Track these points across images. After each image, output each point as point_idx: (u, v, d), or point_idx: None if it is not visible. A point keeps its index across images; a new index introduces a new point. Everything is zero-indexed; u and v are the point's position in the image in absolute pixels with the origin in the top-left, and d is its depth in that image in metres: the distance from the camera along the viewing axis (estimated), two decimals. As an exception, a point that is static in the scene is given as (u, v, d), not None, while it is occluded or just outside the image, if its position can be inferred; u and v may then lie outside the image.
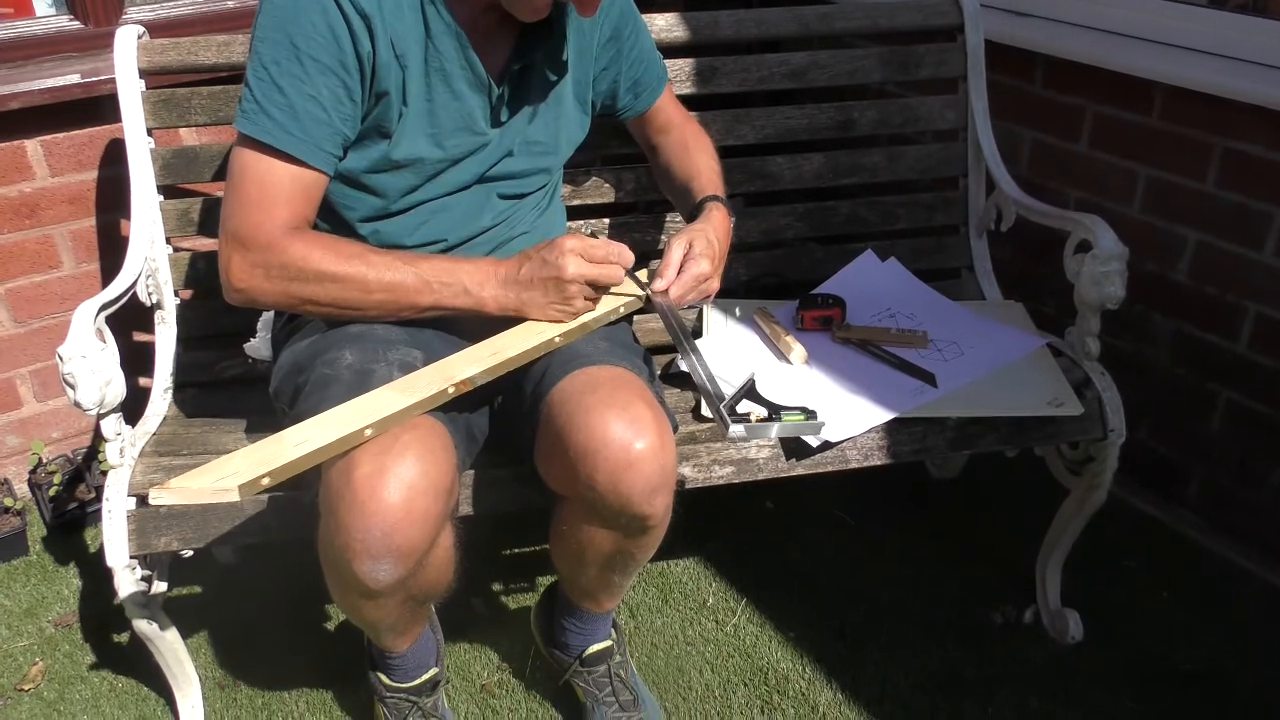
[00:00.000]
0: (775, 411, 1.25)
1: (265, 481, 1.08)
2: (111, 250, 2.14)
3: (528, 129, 1.44)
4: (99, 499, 2.09)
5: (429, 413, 1.23)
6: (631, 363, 1.35)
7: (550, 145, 1.48)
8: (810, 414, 1.25)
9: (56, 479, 2.13)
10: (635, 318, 1.78)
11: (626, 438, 1.20)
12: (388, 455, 1.14)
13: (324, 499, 1.18)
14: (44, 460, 2.19)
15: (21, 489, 2.21)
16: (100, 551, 2.05)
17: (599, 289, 1.32)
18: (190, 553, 1.55)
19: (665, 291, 1.36)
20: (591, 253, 1.29)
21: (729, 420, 1.20)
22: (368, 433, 1.15)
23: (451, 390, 1.22)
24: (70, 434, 2.25)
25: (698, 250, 1.37)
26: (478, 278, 1.31)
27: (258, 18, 1.26)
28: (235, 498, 1.06)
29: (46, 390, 2.18)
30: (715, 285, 1.40)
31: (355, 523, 1.13)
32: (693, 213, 1.50)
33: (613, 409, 1.22)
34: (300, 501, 1.33)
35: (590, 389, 1.25)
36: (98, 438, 2.25)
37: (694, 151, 1.60)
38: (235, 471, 1.08)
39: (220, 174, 1.75)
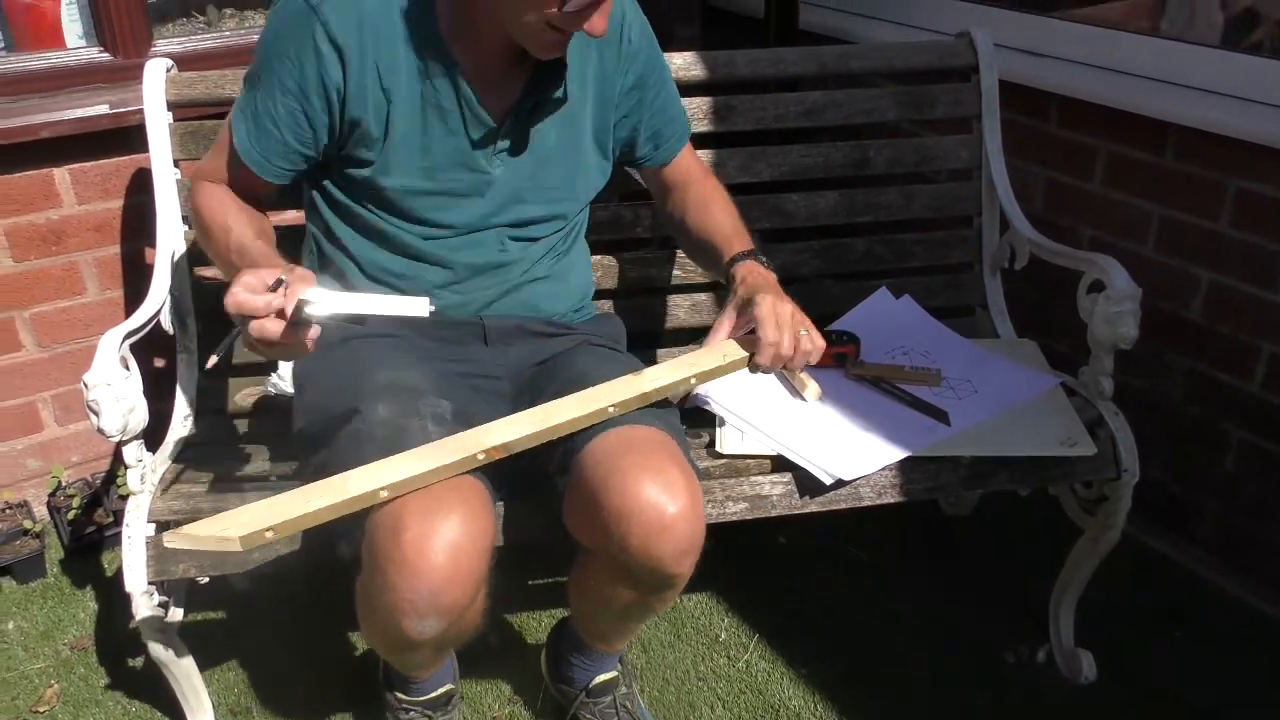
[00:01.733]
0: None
1: (269, 535, 1.11)
2: (135, 277, 2.17)
3: (541, 173, 1.44)
4: (117, 523, 2.12)
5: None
6: (665, 421, 1.36)
7: (566, 191, 1.48)
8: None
9: (75, 502, 2.15)
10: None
11: (661, 503, 1.22)
12: (434, 517, 1.16)
13: (370, 556, 1.20)
14: (63, 484, 2.21)
15: (41, 512, 2.23)
16: (117, 575, 2.08)
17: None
18: (206, 579, 1.57)
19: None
20: (249, 283, 1.14)
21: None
22: (383, 494, 1.17)
23: (481, 456, 1.23)
24: (89, 458, 2.28)
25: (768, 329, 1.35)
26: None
27: (262, 31, 1.36)
28: (237, 548, 1.10)
29: (68, 414, 2.21)
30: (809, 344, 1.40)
31: (404, 583, 1.15)
32: (730, 271, 1.46)
33: (647, 472, 1.23)
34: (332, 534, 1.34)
35: (625, 451, 1.27)
36: (116, 462, 2.28)
37: (715, 209, 1.55)
38: (242, 523, 1.12)
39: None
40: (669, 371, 1.37)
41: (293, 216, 1.73)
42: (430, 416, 1.30)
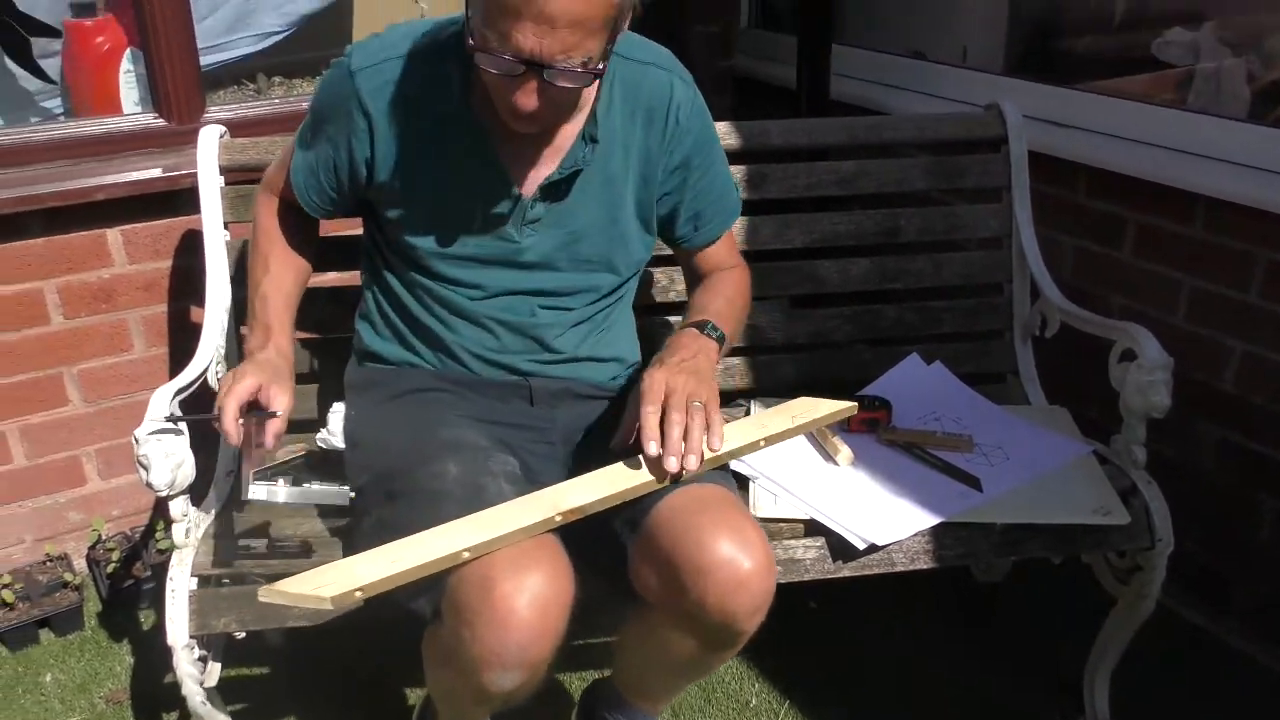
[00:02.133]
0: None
1: (358, 595, 1.14)
2: (180, 335, 2.23)
3: (576, 245, 1.46)
4: (154, 577, 2.15)
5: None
6: (728, 482, 1.39)
7: (603, 263, 1.49)
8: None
9: (115, 555, 2.18)
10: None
11: (738, 559, 1.24)
12: (523, 573, 1.18)
13: (455, 610, 1.21)
14: (103, 537, 2.25)
15: (80, 564, 2.26)
16: (153, 629, 2.11)
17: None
18: (243, 634, 1.59)
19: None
20: (234, 386, 1.31)
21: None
22: (465, 555, 1.20)
23: (559, 519, 1.26)
24: (129, 512, 2.32)
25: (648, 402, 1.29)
26: (255, 342, 1.45)
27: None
28: (329, 607, 1.13)
29: (110, 469, 2.26)
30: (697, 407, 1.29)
31: (493, 637, 1.17)
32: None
33: (724, 529, 1.26)
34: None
35: (699, 508, 1.29)
36: (155, 517, 2.32)
37: (711, 289, 1.55)
38: (331, 582, 1.15)
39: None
40: (739, 432, 1.38)
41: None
42: (503, 475, 1.33)
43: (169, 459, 1.44)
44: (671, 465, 1.27)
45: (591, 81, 1.24)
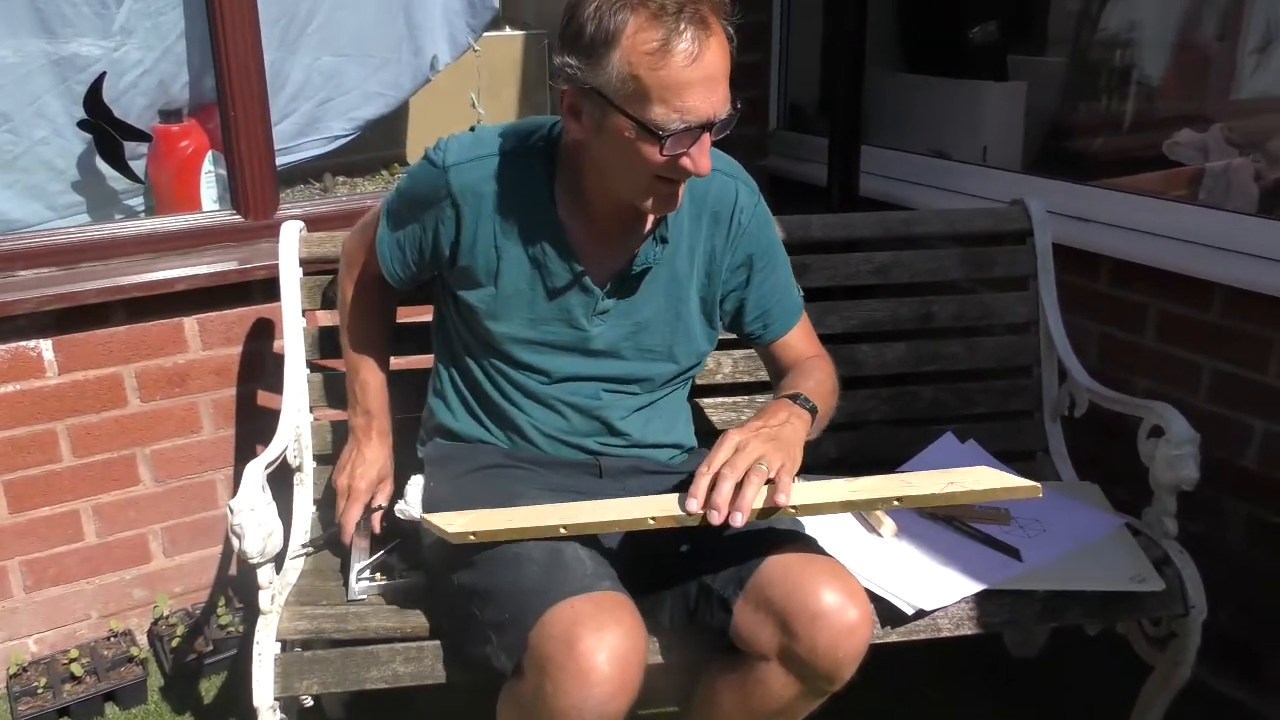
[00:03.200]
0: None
1: (471, 538, 1.42)
2: (246, 418, 2.34)
3: (641, 335, 1.57)
4: (217, 651, 2.22)
5: (620, 589, 1.38)
6: (818, 544, 1.50)
7: (664, 353, 1.59)
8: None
9: (180, 630, 2.26)
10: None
11: (848, 608, 1.36)
12: (605, 630, 1.27)
13: (538, 665, 1.29)
14: (166, 613, 2.33)
15: (142, 640, 2.34)
16: (215, 702, 2.18)
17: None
18: (310, 702, 1.66)
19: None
20: (355, 486, 1.73)
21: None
22: (562, 530, 1.39)
23: (652, 522, 1.38)
24: (191, 589, 2.40)
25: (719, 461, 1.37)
26: (358, 422, 1.76)
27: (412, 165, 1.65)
28: (447, 536, 1.43)
29: (175, 546, 2.35)
30: (774, 472, 1.36)
31: (576, 690, 1.25)
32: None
33: (835, 581, 1.37)
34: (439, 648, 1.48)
35: (808, 563, 1.41)
36: (216, 593, 2.40)
37: (802, 373, 1.63)
38: (456, 523, 1.44)
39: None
40: (823, 492, 1.44)
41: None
42: (579, 541, 1.42)
43: (261, 528, 1.54)
44: (714, 519, 1.33)
45: (735, 121, 1.37)
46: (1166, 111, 2.99)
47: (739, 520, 1.33)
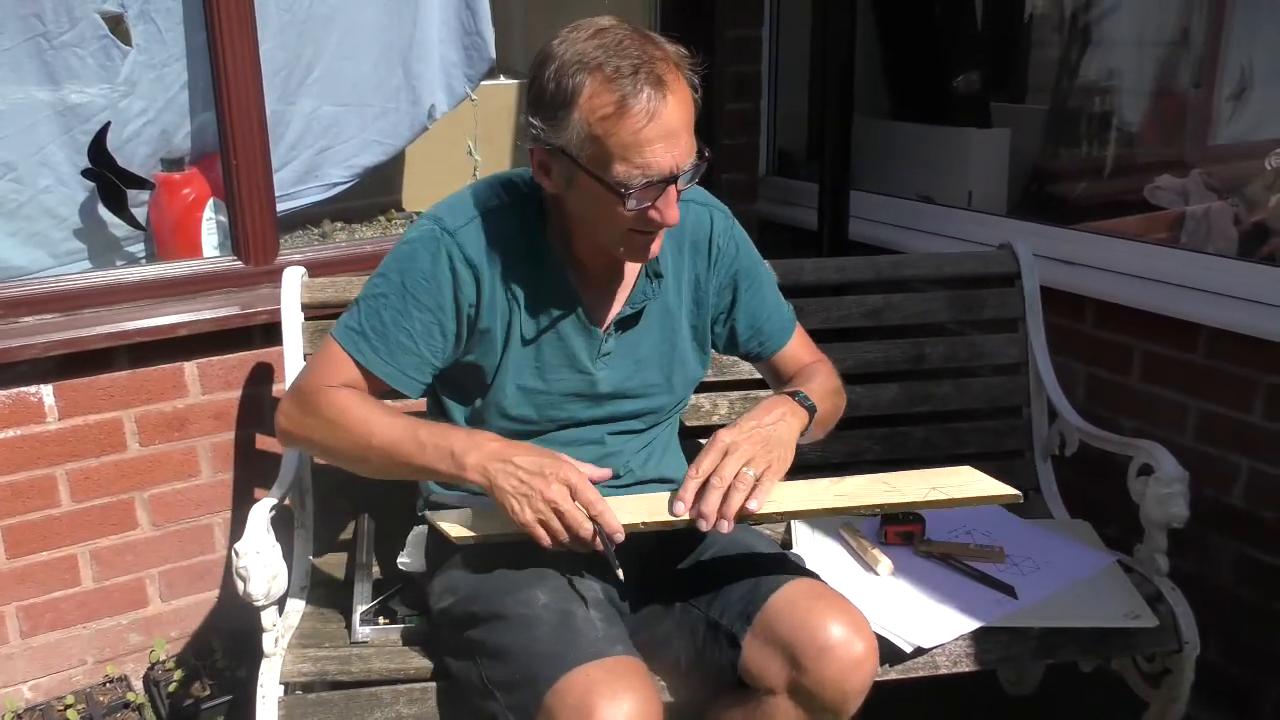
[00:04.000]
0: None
1: (470, 541, 1.47)
2: (244, 462, 2.35)
3: (641, 371, 1.59)
4: (213, 696, 2.21)
5: (632, 652, 1.38)
6: (821, 579, 1.52)
7: (663, 385, 1.61)
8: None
9: (176, 675, 2.25)
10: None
11: (855, 640, 1.38)
12: (620, 698, 1.28)
13: None
14: (162, 658, 2.32)
15: (138, 685, 2.33)
16: (214, 746, 2.16)
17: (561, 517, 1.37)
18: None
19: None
20: (581, 493, 1.37)
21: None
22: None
23: (643, 526, 1.40)
24: (187, 633, 2.39)
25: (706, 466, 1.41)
26: (466, 444, 1.41)
27: (389, 254, 1.52)
28: (452, 540, 1.48)
29: (172, 590, 2.35)
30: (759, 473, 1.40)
31: None
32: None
33: (843, 614, 1.40)
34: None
35: (816, 595, 1.44)
36: (213, 637, 2.39)
37: (802, 377, 1.67)
38: (459, 527, 1.48)
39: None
40: (806, 495, 1.48)
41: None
42: (590, 601, 1.44)
43: (266, 570, 1.55)
44: (702, 526, 1.38)
45: (703, 170, 1.38)
46: (1146, 157, 3.08)
47: (725, 528, 1.38)
